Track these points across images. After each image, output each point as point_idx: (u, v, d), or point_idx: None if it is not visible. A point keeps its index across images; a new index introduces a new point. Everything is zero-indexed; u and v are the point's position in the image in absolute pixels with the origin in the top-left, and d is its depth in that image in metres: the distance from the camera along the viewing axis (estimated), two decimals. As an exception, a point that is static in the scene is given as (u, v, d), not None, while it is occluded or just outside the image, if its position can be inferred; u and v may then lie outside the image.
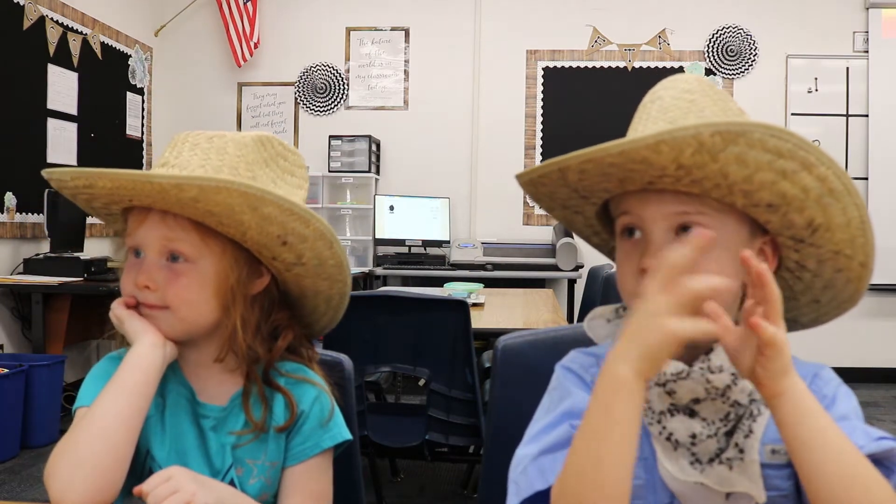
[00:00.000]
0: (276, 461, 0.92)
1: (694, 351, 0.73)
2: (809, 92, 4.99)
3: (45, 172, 0.84)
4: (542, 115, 5.16)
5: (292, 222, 0.83)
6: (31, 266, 3.70)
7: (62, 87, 4.14)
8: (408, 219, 4.90)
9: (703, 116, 0.72)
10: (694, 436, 0.71)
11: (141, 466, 0.88)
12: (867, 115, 4.89)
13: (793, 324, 0.82)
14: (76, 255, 3.78)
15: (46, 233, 3.79)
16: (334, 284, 0.93)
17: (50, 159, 4.03)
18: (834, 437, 0.64)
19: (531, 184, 0.78)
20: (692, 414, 0.72)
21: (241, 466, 0.90)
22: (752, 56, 5.02)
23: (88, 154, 4.36)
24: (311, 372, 0.95)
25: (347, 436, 0.95)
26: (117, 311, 0.86)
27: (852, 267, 0.73)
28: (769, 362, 0.63)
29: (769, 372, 0.64)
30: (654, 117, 0.74)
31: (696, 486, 0.71)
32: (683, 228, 0.72)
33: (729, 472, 0.70)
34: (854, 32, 4.95)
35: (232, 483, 0.89)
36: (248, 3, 5.11)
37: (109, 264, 3.75)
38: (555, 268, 4.67)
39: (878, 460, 0.67)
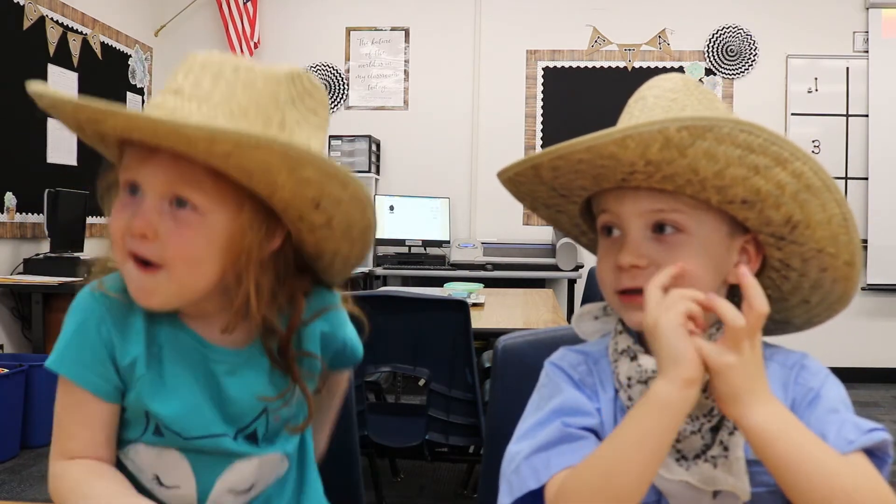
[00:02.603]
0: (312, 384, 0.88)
1: None
2: (809, 92, 4.99)
3: (35, 90, 0.69)
4: (542, 115, 5.16)
5: (330, 185, 0.73)
6: (31, 266, 3.70)
7: (62, 87, 4.14)
8: (408, 219, 4.90)
9: (684, 114, 0.72)
10: (678, 432, 0.71)
11: (143, 426, 0.81)
12: (867, 115, 4.89)
13: (785, 325, 0.82)
14: (76, 255, 3.78)
15: (46, 233, 3.79)
16: (355, 245, 0.84)
17: (50, 159, 4.03)
18: (806, 457, 0.63)
19: (510, 182, 0.79)
20: None
21: (278, 414, 0.85)
22: (752, 56, 5.02)
23: (89, 154, 4.35)
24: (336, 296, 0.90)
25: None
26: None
27: (837, 266, 0.72)
28: (715, 384, 0.65)
29: (718, 394, 0.66)
30: (636, 117, 0.75)
31: (682, 485, 0.71)
32: (660, 226, 0.72)
33: (713, 470, 0.70)
34: (854, 32, 4.95)
35: (255, 433, 0.84)
36: (248, 3, 5.11)
37: (110, 264, 3.75)
38: (555, 268, 4.67)
39: (870, 451, 0.67)
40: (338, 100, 5.27)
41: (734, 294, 0.76)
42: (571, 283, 4.77)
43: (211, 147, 0.67)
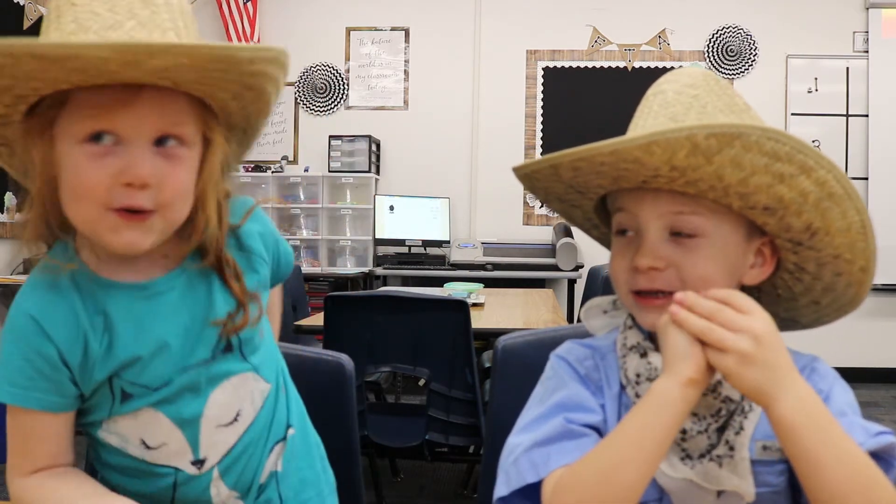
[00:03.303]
0: (263, 287, 0.88)
1: None
2: (809, 92, 4.99)
3: (55, 45, 0.62)
4: (542, 115, 5.16)
5: (283, 82, 0.77)
6: (31, 266, 3.68)
7: (62, 87, 4.14)
8: (408, 219, 4.90)
9: (705, 112, 0.72)
10: (684, 431, 0.71)
11: (110, 400, 0.78)
12: (867, 115, 4.89)
13: (792, 324, 0.82)
14: (76, 255, 3.78)
15: (46, 233, 3.78)
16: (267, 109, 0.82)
17: (50, 159, 4.03)
18: (839, 442, 0.63)
19: (526, 178, 0.78)
20: None
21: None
22: (752, 56, 5.02)
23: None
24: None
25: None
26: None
27: (852, 271, 0.72)
28: (735, 386, 0.65)
29: (742, 392, 0.65)
30: (655, 112, 0.74)
31: (686, 483, 0.71)
32: (678, 229, 0.72)
33: (718, 469, 0.70)
34: (854, 32, 4.95)
35: (229, 344, 0.82)
36: (248, 3, 5.11)
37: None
38: (555, 268, 4.67)
39: (877, 455, 0.67)
40: (338, 100, 5.28)
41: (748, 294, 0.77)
42: (571, 283, 4.77)
43: (249, 67, 0.68)
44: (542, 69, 5.16)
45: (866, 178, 4.85)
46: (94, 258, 0.78)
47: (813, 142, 4.93)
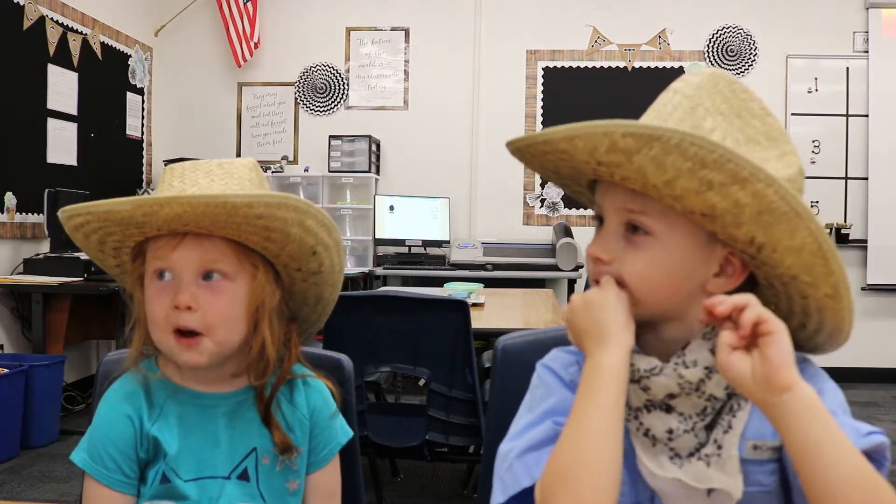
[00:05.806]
0: (301, 447, 0.94)
1: (670, 347, 0.73)
2: (809, 92, 4.99)
3: (98, 203, 0.82)
4: (542, 115, 5.16)
5: (322, 232, 0.88)
6: (31, 266, 3.70)
7: (62, 87, 4.14)
8: (408, 219, 4.90)
9: (693, 113, 0.71)
10: (671, 431, 0.71)
11: (153, 476, 0.88)
12: (867, 115, 4.89)
13: (797, 348, 0.81)
14: (76, 255, 3.78)
15: (46, 233, 3.79)
16: (334, 291, 0.98)
17: (50, 159, 4.03)
18: (842, 438, 0.63)
19: (518, 152, 0.79)
20: (668, 409, 0.72)
21: (267, 455, 0.91)
22: (752, 56, 5.02)
23: (88, 154, 4.36)
24: (306, 368, 0.98)
25: (351, 432, 0.99)
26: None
27: (818, 297, 0.70)
28: (769, 348, 0.63)
29: (772, 362, 0.63)
30: (651, 108, 0.75)
31: (676, 483, 0.71)
32: (633, 226, 0.72)
33: (706, 468, 0.70)
34: (854, 32, 4.95)
35: (245, 472, 0.90)
36: (248, 3, 5.11)
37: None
38: (555, 268, 4.67)
39: (867, 455, 0.66)
40: (338, 100, 5.28)
41: None
42: (571, 283, 4.77)
43: (248, 211, 0.80)
44: (542, 69, 5.16)
45: (866, 178, 4.85)
46: (178, 372, 0.91)
47: (813, 142, 4.93)
